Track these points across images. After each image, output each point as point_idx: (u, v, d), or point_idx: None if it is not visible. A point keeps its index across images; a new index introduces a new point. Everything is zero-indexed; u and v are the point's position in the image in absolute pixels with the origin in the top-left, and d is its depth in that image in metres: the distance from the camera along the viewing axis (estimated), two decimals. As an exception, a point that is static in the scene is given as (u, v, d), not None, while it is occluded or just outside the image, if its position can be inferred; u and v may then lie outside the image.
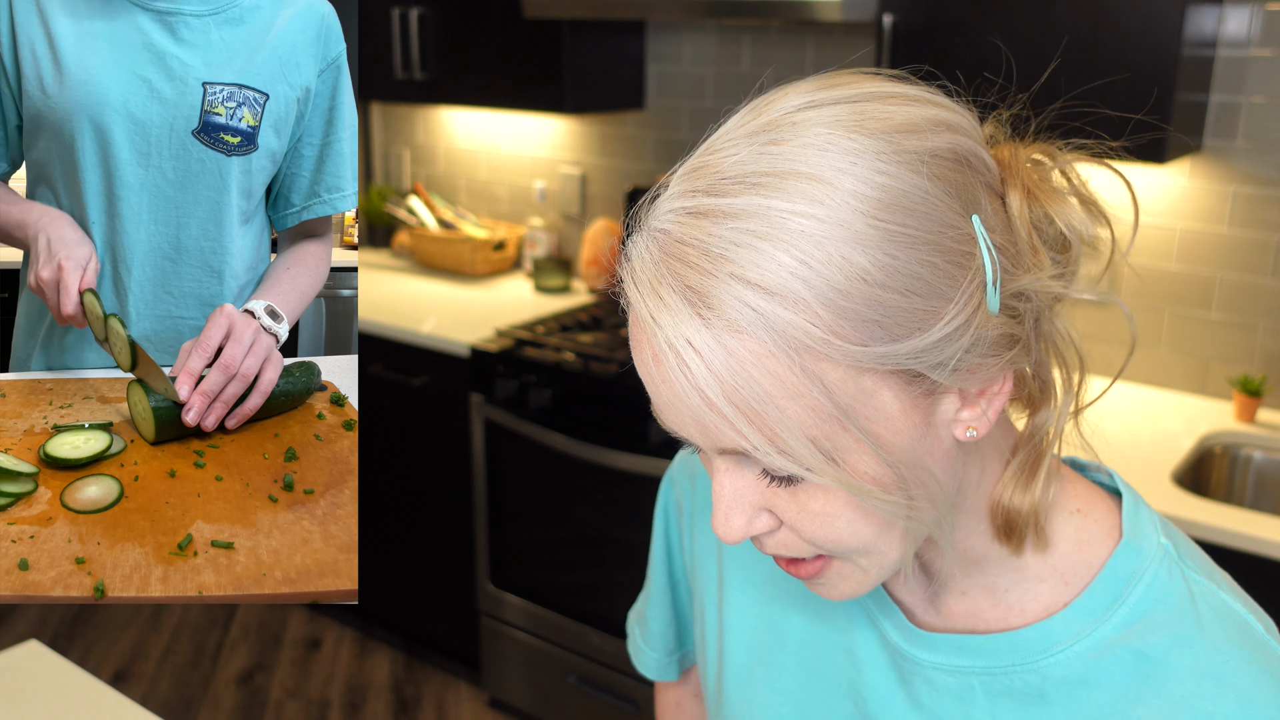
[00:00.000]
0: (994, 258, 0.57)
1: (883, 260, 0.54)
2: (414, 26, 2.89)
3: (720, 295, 0.53)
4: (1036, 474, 0.66)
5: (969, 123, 0.61)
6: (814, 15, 2.14)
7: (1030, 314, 0.60)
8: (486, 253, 3.15)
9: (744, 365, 0.54)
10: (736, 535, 0.61)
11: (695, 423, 0.57)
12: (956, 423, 0.60)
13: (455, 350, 2.62)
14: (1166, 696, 0.64)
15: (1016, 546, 0.68)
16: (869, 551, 0.62)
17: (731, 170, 0.56)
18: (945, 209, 0.56)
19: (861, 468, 0.57)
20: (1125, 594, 0.67)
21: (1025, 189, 0.62)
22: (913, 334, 0.55)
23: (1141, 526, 0.69)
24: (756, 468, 0.60)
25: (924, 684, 0.73)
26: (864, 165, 0.55)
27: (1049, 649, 0.68)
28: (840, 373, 0.55)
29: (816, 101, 0.58)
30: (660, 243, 0.56)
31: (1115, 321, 2.30)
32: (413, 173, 3.52)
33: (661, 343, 0.55)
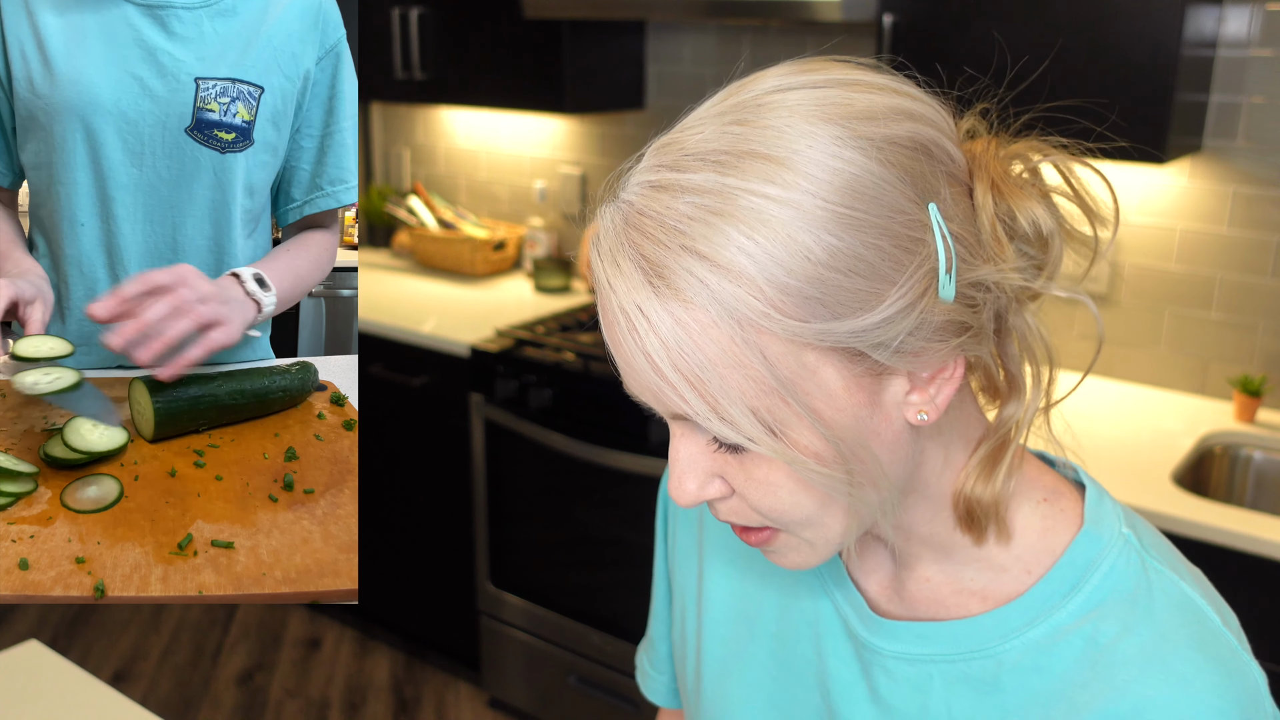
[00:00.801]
0: (949, 245, 0.59)
1: (828, 241, 0.56)
2: (414, 26, 2.89)
3: (672, 266, 0.56)
4: (999, 465, 0.67)
5: (935, 114, 0.62)
6: (814, 15, 2.14)
7: (990, 304, 0.62)
8: (486, 253, 3.15)
9: (690, 334, 0.56)
10: (689, 499, 0.63)
11: (647, 387, 0.60)
12: (906, 405, 0.61)
13: (455, 350, 2.62)
14: (1109, 681, 0.65)
15: (978, 536, 0.69)
16: (812, 524, 0.64)
17: (696, 147, 0.58)
18: (897, 195, 0.58)
19: (803, 442, 0.59)
20: (1083, 581, 0.68)
21: (991, 182, 0.63)
22: (854, 313, 0.57)
23: (1103, 516, 0.70)
24: (707, 434, 0.61)
25: (883, 674, 0.73)
26: (818, 149, 0.57)
27: (1005, 635, 0.69)
28: (781, 347, 0.57)
29: (784, 86, 0.60)
30: (624, 213, 0.59)
31: (1116, 321, 2.30)
32: (413, 173, 3.52)
33: (615, 307, 0.58)
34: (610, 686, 2.55)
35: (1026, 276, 0.63)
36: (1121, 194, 2.31)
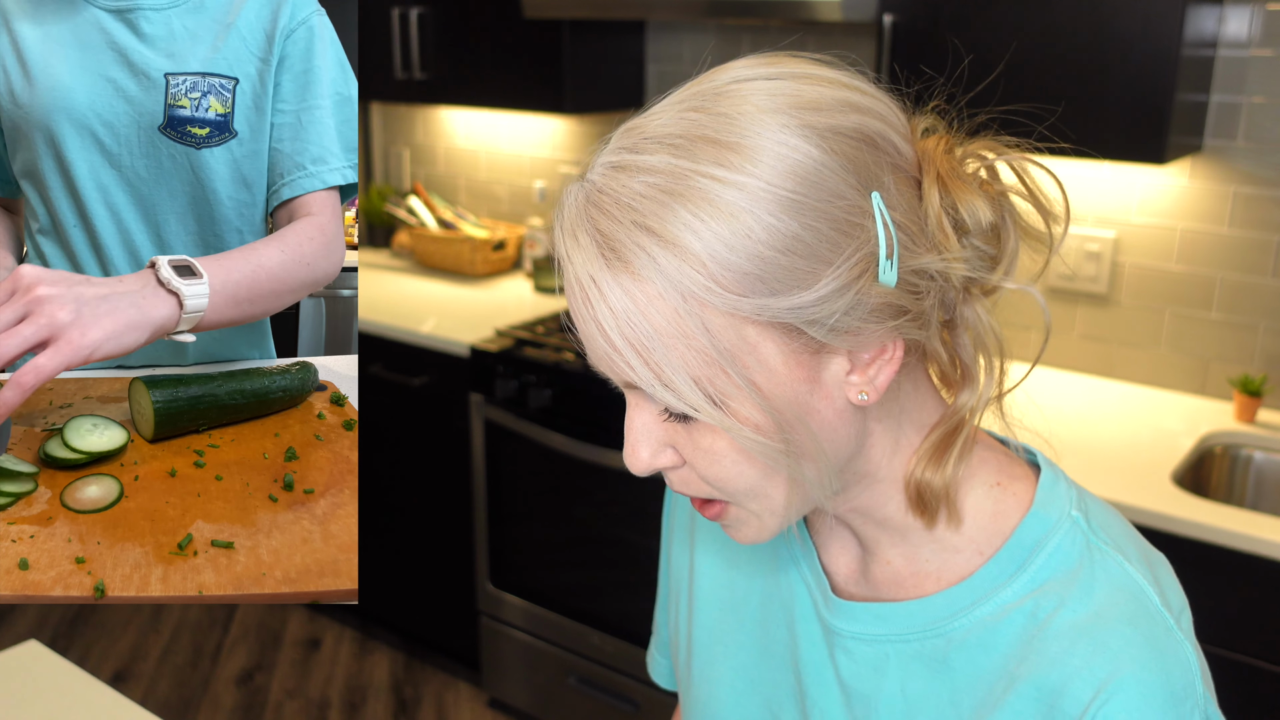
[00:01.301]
0: (890, 232, 0.62)
1: (769, 222, 0.59)
2: (414, 26, 2.89)
3: (624, 241, 0.60)
4: (950, 451, 0.70)
5: (886, 110, 0.66)
6: (814, 15, 2.14)
7: (934, 293, 0.65)
8: (486, 253, 3.15)
9: (638, 305, 0.60)
10: (641, 466, 0.67)
11: (601, 356, 0.63)
12: (847, 385, 0.65)
13: (455, 350, 2.62)
14: (1042, 653, 0.67)
15: (929, 520, 0.72)
16: (756, 495, 0.67)
17: (655, 131, 0.63)
18: (838, 181, 0.61)
19: (744, 413, 0.62)
20: (1029, 561, 0.70)
21: (938, 176, 0.66)
22: (791, 291, 0.60)
23: (1054, 498, 0.72)
24: (659, 405, 0.65)
25: (844, 655, 0.76)
26: (766, 135, 0.61)
27: (955, 614, 0.71)
28: (722, 320, 0.60)
29: (743, 76, 0.64)
30: (586, 191, 0.63)
31: (1116, 321, 2.30)
32: (413, 173, 3.52)
33: (571, 277, 0.62)
34: (610, 686, 2.55)
35: (975, 269, 0.66)
36: (1122, 194, 2.31)
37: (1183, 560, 1.72)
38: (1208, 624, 1.71)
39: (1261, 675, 1.68)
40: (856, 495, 0.72)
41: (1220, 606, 1.70)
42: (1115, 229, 2.24)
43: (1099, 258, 2.26)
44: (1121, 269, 2.26)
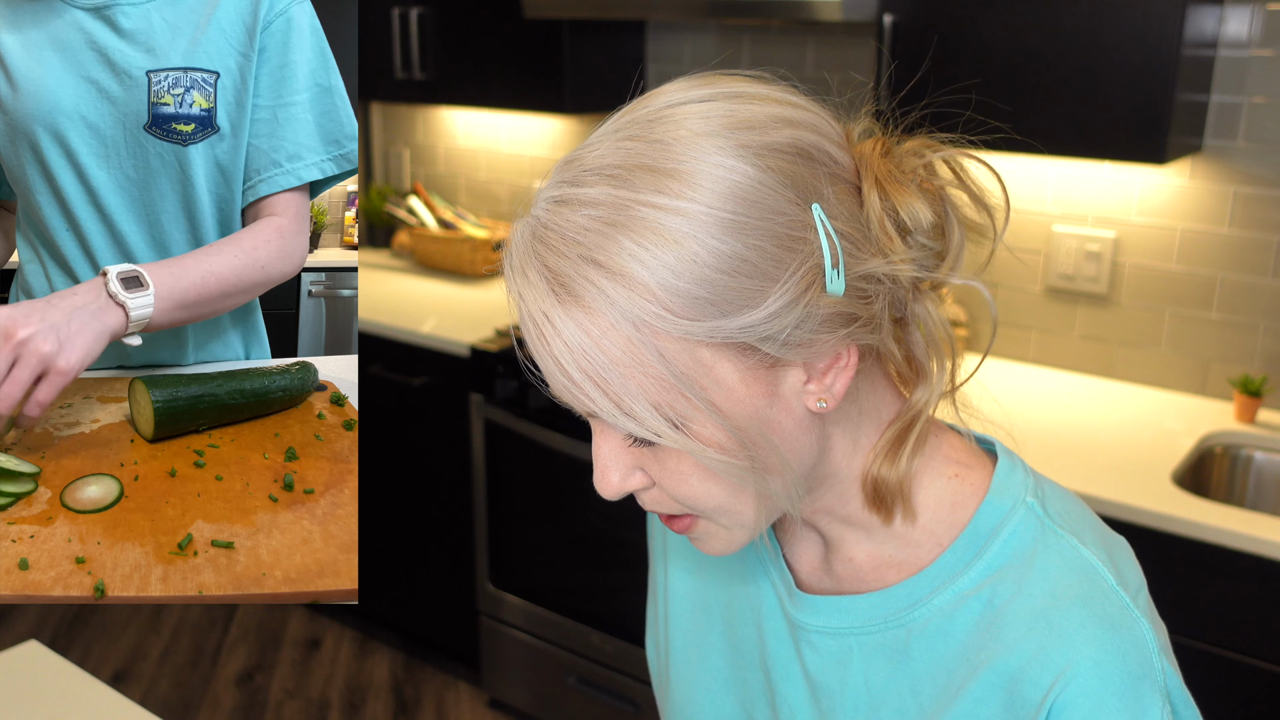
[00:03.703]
0: (834, 242, 0.63)
1: (713, 245, 0.60)
2: (414, 26, 2.89)
3: (573, 275, 0.61)
4: (903, 446, 0.71)
5: (818, 120, 0.66)
6: (814, 15, 2.14)
7: (883, 295, 0.66)
8: (486, 252, 3.15)
9: (591, 337, 0.61)
10: (612, 491, 0.68)
11: (561, 389, 0.64)
12: (805, 395, 0.65)
13: (455, 350, 2.62)
14: (1000, 639, 0.68)
15: (885, 516, 0.73)
16: (726, 510, 0.68)
17: (593, 163, 0.63)
18: (778, 198, 0.62)
19: (705, 434, 0.63)
20: (985, 548, 0.71)
21: (876, 180, 0.66)
22: (740, 310, 0.61)
23: (1010, 486, 0.73)
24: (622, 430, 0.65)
25: (809, 649, 0.77)
26: (702, 159, 0.61)
27: (914, 603, 0.72)
28: (676, 345, 0.61)
29: (676, 101, 0.65)
30: (532, 227, 0.64)
31: (1116, 321, 2.30)
32: (413, 173, 3.52)
33: (525, 315, 0.64)
34: (610, 686, 2.55)
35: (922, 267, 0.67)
36: (1122, 194, 2.31)
37: (1183, 560, 1.72)
38: (1207, 624, 1.71)
39: (1261, 675, 1.68)
40: (820, 497, 0.73)
41: (1220, 606, 1.70)
42: (1115, 229, 2.24)
43: (1099, 258, 2.26)
44: (1121, 269, 2.26)
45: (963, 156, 0.69)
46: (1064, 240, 2.29)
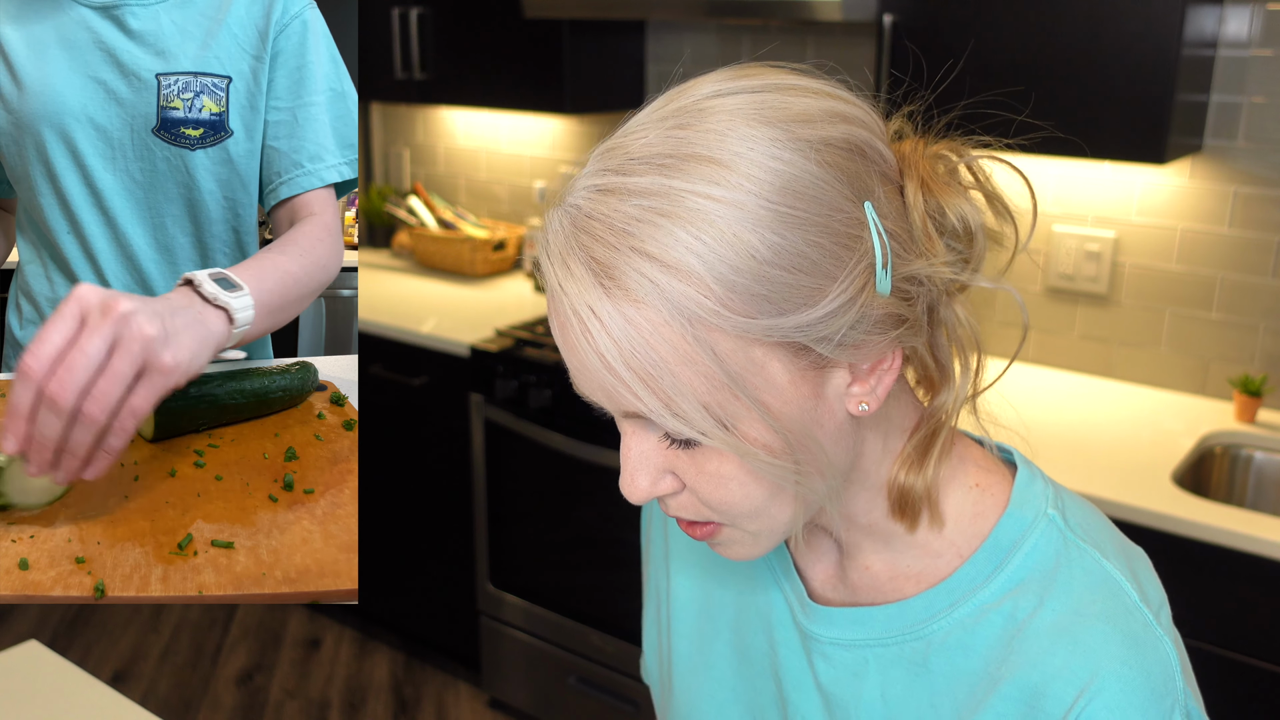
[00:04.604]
0: (884, 242, 0.61)
1: (772, 239, 0.58)
2: (414, 26, 2.89)
3: (621, 267, 0.58)
4: (929, 453, 0.69)
5: (867, 116, 0.65)
6: (814, 15, 2.14)
7: (923, 297, 0.65)
8: (486, 253, 3.15)
9: (641, 333, 0.58)
10: (641, 495, 0.65)
11: (600, 387, 0.61)
12: (848, 397, 0.64)
13: (455, 350, 2.62)
14: (1023, 655, 0.67)
15: (911, 523, 0.71)
16: (759, 515, 0.65)
17: (640, 151, 0.60)
18: (835, 194, 0.60)
19: (753, 434, 0.61)
20: (1006, 561, 0.70)
21: (921, 181, 0.65)
22: (798, 309, 0.59)
23: (1031, 497, 0.72)
24: (658, 431, 0.63)
25: (822, 660, 0.76)
26: (759, 151, 0.59)
27: (933, 616, 0.71)
28: (730, 343, 0.59)
29: (723, 90, 0.62)
30: (572, 217, 0.60)
31: (1116, 321, 2.30)
32: (413, 173, 3.52)
33: (567, 309, 0.59)
34: (610, 686, 2.55)
35: (955, 270, 0.66)
36: (1122, 194, 2.31)
37: (1183, 560, 1.72)
38: (1207, 624, 1.71)
39: (1261, 675, 1.68)
40: (845, 503, 0.72)
41: (1220, 606, 1.70)
42: (1115, 229, 2.24)
43: (1099, 258, 2.26)
44: (1121, 269, 2.26)
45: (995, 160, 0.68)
46: (1064, 240, 2.29)
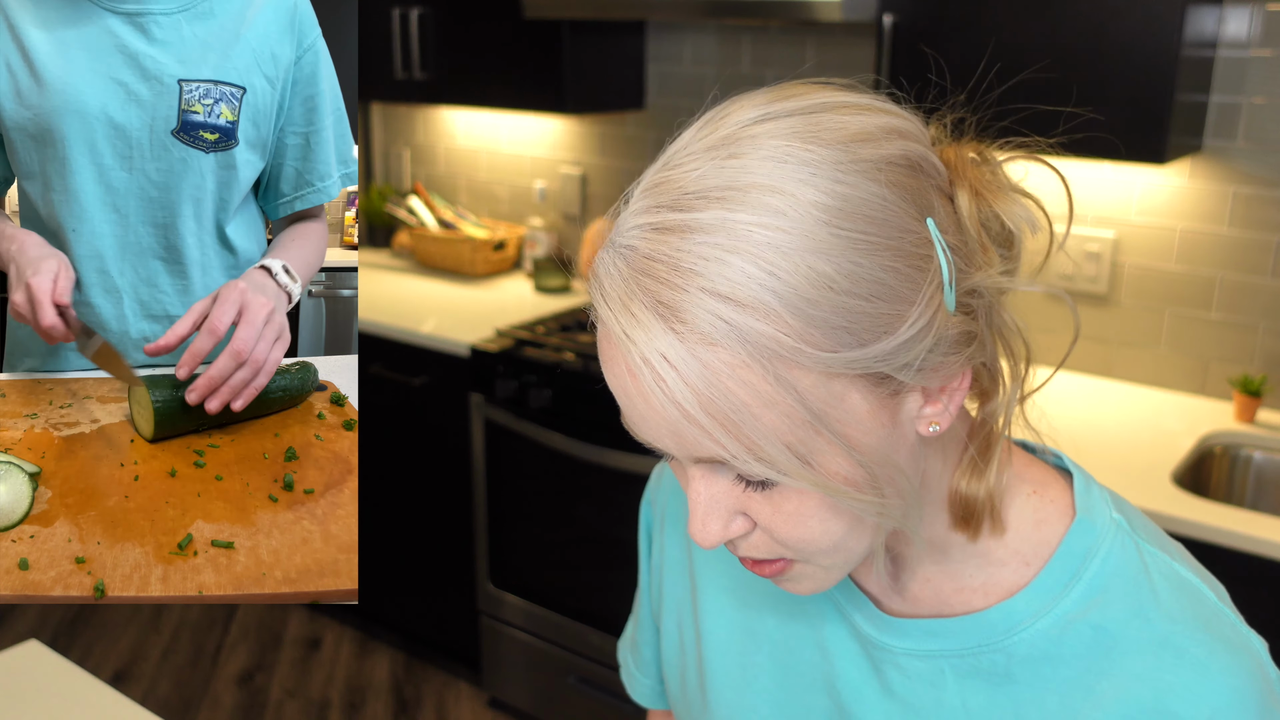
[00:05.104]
0: (949, 258, 0.59)
1: (848, 268, 0.55)
2: (414, 26, 2.89)
3: (692, 309, 0.54)
4: (989, 461, 0.68)
5: (918, 128, 0.63)
6: (814, 15, 2.14)
7: (983, 309, 0.63)
8: (486, 253, 3.15)
9: (719, 376, 0.55)
10: (713, 540, 0.62)
11: (672, 434, 0.58)
12: (920, 419, 0.62)
13: (455, 350, 2.62)
14: (1126, 669, 0.66)
15: (973, 533, 0.70)
16: (836, 550, 0.63)
17: (694, 185, 0.57)
18: (903, 214, 0.58)
19: (834, 468, 0.59)
20: (1082, 570, 0.69)
21: (972, 189, 0.63)
22: (880, 338, 0.56)
23: (1094, 503, 0.71)
24: (731, 473, 0.61)
25: (895, 670, 0.74)
26: (823, 175, 0.56)
27: (1013, 628, 0.70)
28: (812, 379, 0.56)
29: (771, 114, 0.59)
30: (628, 259, 0.57)
31: (1116, 321, 2.30)
32: (413, 173, 3.52)
33: (636, 358, 0.56)
34: (610, 686, 2.55)
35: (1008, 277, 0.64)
36: (1122, 194, 2.31)
37: (1183, 560, 1.72)
38: (1208, 624, 1.71)
39: (1261, 675, 1.68)
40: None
41: (1220, 606, 1.70)
42: (1115, 229, 2.24)
43: (1099, 258, 2.26)
44: (1121, 269, 2.26)
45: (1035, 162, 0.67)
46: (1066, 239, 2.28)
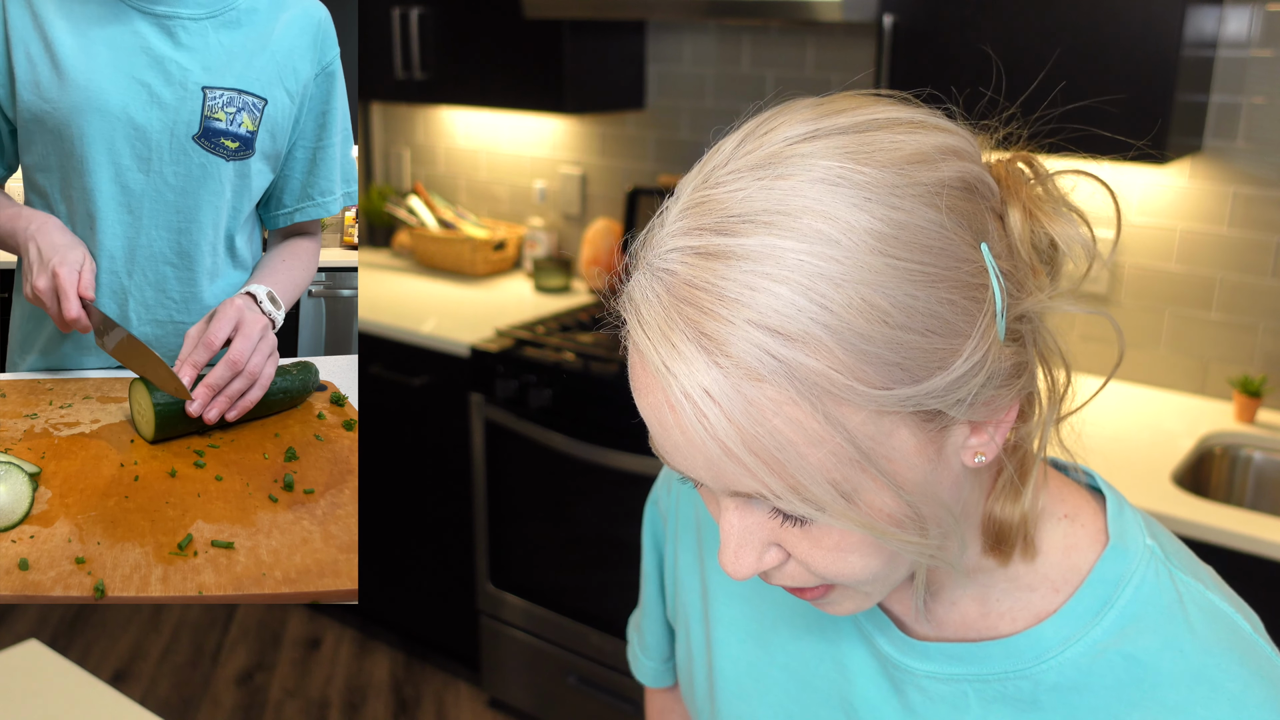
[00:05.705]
0: (1003, 286, 0.56)
1: (904, 301, 0.52)
2: (414, 26, 2.89)
3: (737, 341, 0.51)
4: (1026, 483, 0.66)
5: (972, 146, 0.59)
6: (814, 15, 2.14)
7: (1030, 334, 0.59)
8: (486, 253, 3.15)
9: (764, 413, 0.52)
10: (746, 573, 0.60)
11: (709, 468, 0.55)
12: (965, 450, 0.59)
13: (455, 350, 2.62)
14: (1160, 701, 0.64)
15: (1004, 557, 0.68)
16: (877, 580, 0.62)
17: (739, 207, 0.53)
18: (960, 242, 0.55)
19: (878, 505, 0.56)
20: (1114, 597, 0.66)
21: (1025, 208, 0.60)
22: (934, 374, 0.53)
23: (1127, 528, 0.69)
24: (766, 506, 0.58)
25: (917, 691, 0.72)
26: (878, 201, 0.53)
27: (1041, 655, 0.68)
28: (862, 416, 0.53)
29: (821, 130, 0.55)
30: (667, 284, 0.53)
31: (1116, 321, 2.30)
32: (413, 173, 3.52)
33: (677, 392, 0.53)
34: (610, 686, 2.55)
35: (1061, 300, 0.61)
36: (1122, 194, 2.30)
37: (1182, 560, 1.72)
38: (1207, 624, 1.71)
39: (1261, 675, 1.68)
40: None
41: (1220, 607, 1.70)
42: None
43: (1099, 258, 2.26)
44: (1121, 269, 2.26)
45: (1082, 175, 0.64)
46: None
